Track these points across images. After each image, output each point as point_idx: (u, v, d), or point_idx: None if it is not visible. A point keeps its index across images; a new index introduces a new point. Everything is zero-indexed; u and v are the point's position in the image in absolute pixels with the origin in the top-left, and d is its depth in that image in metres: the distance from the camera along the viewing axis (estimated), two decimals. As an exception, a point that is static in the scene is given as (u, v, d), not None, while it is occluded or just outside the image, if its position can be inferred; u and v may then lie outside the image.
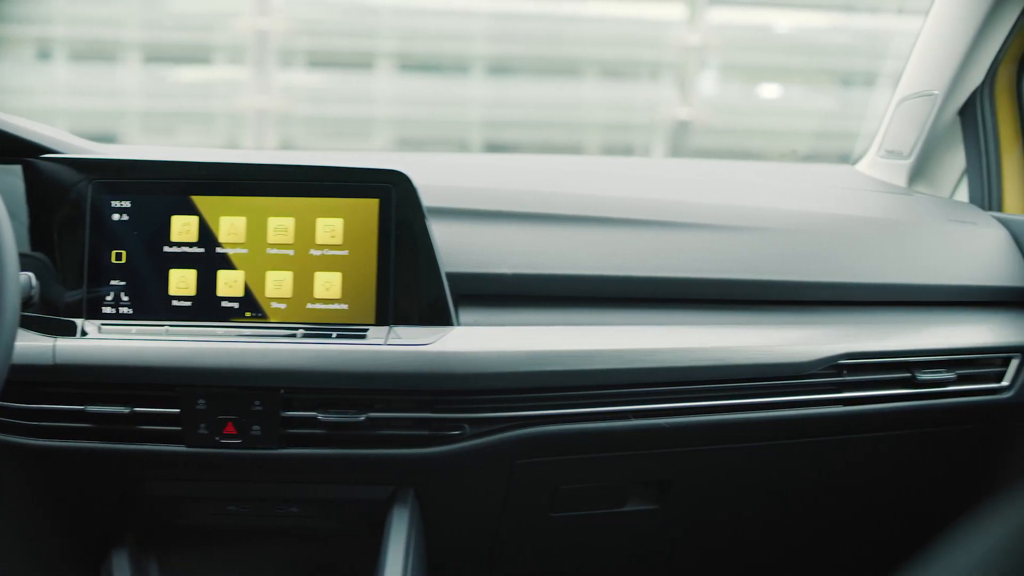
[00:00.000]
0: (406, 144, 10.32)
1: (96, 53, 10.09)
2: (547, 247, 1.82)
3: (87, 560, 1.82)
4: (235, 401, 1.63)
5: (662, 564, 2.12)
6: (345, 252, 1.68)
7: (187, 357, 1.62)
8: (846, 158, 2.79)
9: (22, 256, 1.34)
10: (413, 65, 10.37)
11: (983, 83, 2.33)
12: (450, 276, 1.72)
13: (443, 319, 1.69)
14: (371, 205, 1.69)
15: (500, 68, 10.52)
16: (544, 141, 10.57)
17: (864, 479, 2.07)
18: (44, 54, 10.05)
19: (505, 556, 1.95)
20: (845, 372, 1.85)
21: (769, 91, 10.27)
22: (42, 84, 9.96)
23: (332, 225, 1.69)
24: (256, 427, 1.64)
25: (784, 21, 10.14)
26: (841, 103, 9.81)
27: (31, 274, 1.58)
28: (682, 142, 9.94)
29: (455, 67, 10.39)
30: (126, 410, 1.64)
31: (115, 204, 1.69)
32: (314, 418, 1.64)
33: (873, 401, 1.87)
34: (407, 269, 1.68)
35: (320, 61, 10.24)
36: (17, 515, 1.81)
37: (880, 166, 2.58)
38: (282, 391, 1.63)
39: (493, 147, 10.48)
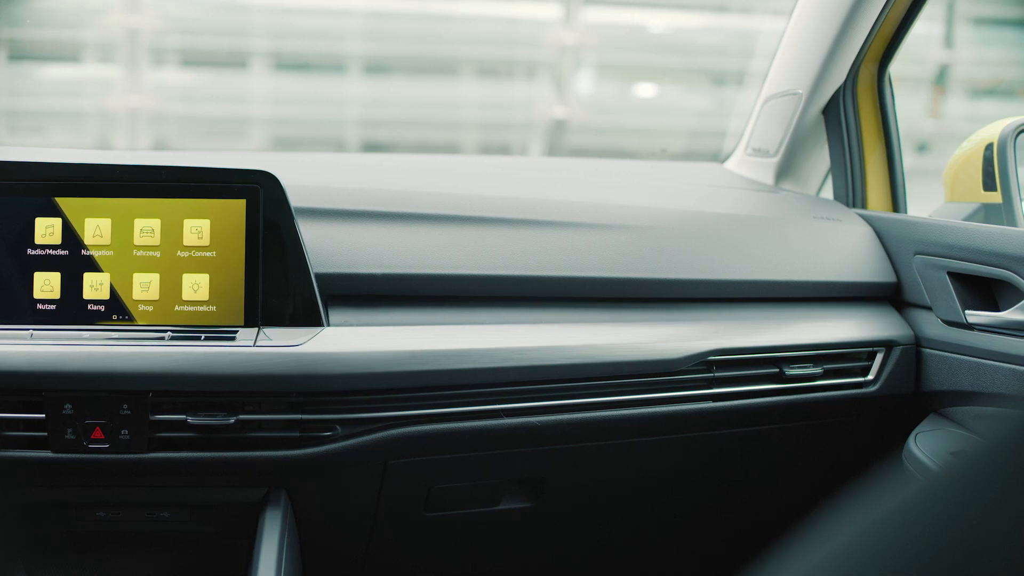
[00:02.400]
0: (282, 144, 10.24)
1: (-43, 51, 9.86)
2: (418, 247, 1.82)
3: None
4: (103, 405, 1.61)
5: (538, 562, 2.13)
6: (212, 253, 1.67)
7: (52, 361, 1.59)
8: (718, 156, 2.83)
9: None
10: (288, 64, 10.29)
11: (845, 82, 2.39)
12: (320, 276, 1.71)
13: (313, 320, 1.69)
14: (238, 206, 1.67)
15: (376, 67, 10.49)
16: (421, 140, 10.56)
17: (737, 473, 2.11)
18: (-96, 52, 9.80)
19: (380, 556, 1.95)
20: (715, 368, 1.88)
21: (644, 90, 10.38)
22: (-97, 83, 9.71)
23: (199, 226, 1.67)
24: (124, 431, 1.62)
25: (658, 21, 10.25)
26: (714, 102, 9.95)
27: None
28: (558, 141, 10.00)
29: (331, 66, 10.33)
30: None
31: (-25, 206, 1.66)
32: (184, 421, 1.63)
33: (742, 397, 1.91)
34: (275, 270, 1.67)
35: (193, 60, 10.11)
36: None
37: (748, 164, 2.63)
38: (151, 394, 1.61)
39: (370, 146, 10.44)
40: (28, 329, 1.64)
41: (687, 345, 1.86)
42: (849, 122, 2.40)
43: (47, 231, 1.66)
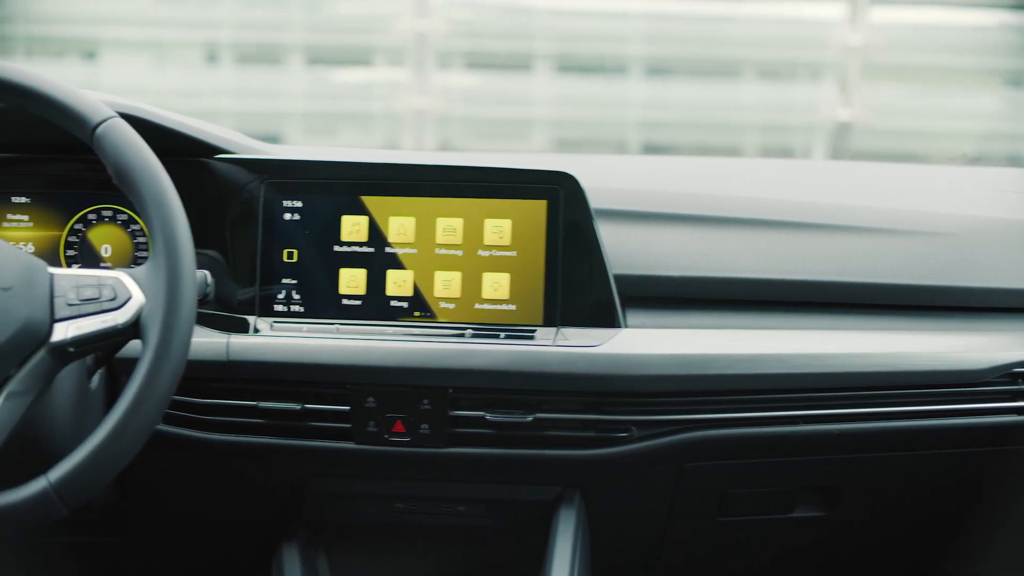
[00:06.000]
0: (563, 145, 10.35)
1: (260, 56, 10.30)
2: (715, 250, 1.80)
3: (258, 553, 1.85)
4: (404, 400, 1.65)
5: (829, 572, 2.09)
6: (513, 253, 1.69)
7: (357, 355, 1.64)
8: (1015, 160, 2.71)
9: (196, 254, 1.37)
10: (570, 66, 10.38)
11: None
12: (617, 278, 1.71)
13: (611, 321, 1.69)
14: (539, 206, 1.69)
15: (657, 69, 10.48)
16: (701, 143, 10.51)
17: None
18: (212, 57, 10.29)
19: (670, 559, 1.94)
20: (1020, 380, 1.80)
21: (932, 91, 10.05)
22: (208, 86, 10.20)
23: (500, 226, 1.69)
24: (424, 426, 1.65)
25: (948, 19, 9.91)
26: (1009, 104, 9.57)
27: (207, 272, 1.61)
28: (842, 144, 9.79)
29: (612, 68, 10.38)
30: (297, 407, 1.66)
31: (287, 204, 1.72)
32: (482, 418, 1.65)
33: None
34: (575, 270, 1.68)
35: (478, 62, 10.31)
36: (191, 506, 1.85)
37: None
38: (451, 390, 1.64)
39: (650, 148, 10.45)
40: (334, 323, 1.69)
41: (991, 355, 1.78)
42: None
43: (353, 229, 1.71)
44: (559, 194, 1.68)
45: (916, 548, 2.08)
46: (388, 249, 1.70)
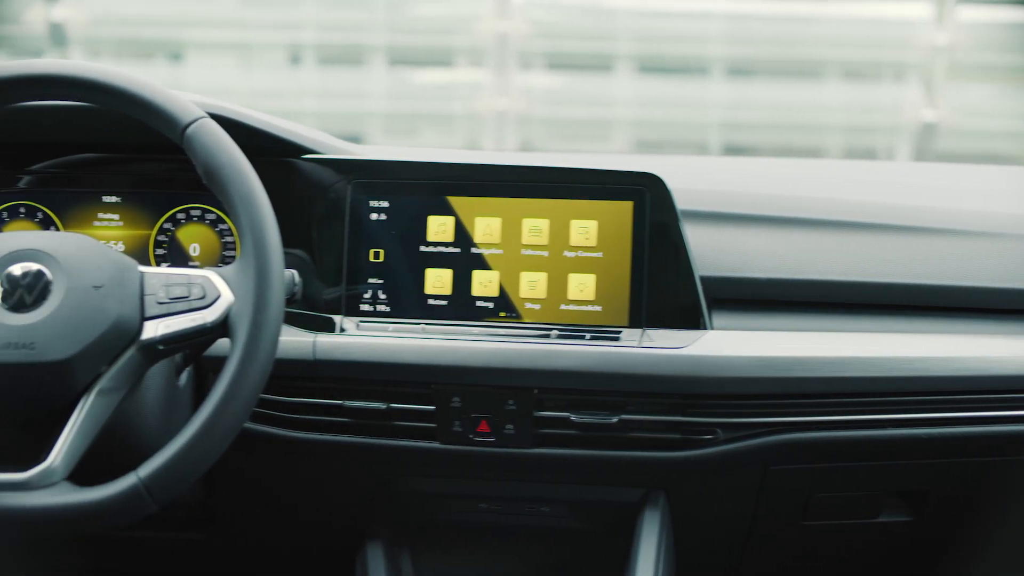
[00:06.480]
0: (643, 146, 10.35)
1: (343, 57, 10.40)
2: (802, 252, 1.78)
3: (341, 551, 1.86)
4: (489, 400, 1.65)
5: None
6: (599, 254, 1.68)
7: (443, 355, 1.64)
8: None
9: (283, 253, 1.38)
10: (651, 67, 10.38)
11: None
12: (703, 280, 1.70)
13: (696, 322, 1.68)
14: (625, 207, 1.68)
15: (738, 70, 10.45)
16: (783, 144, 10.46)
17: None
18: (295, 58, 10.40)
19: (753, 563, 1.92)
20: None
21: (1020, 92, 9.92)
22: (291, 87, 10.31)
23: (586, 227, 1.68)
24: (509, 426, 1.65)
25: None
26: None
27: (295, 271, 1.62)
28: (927, 145, 9.69)
29: (694, 69, 10.35)
30: (383, 406, 1.66)
31: (373, 204, 1.73)
32: (567, 418, 1.64)
33: None
34: (661, 272, 1.67)
35: (559, 63, 10.33)
36: (276, 504, 1.87)
37: None
38: (536, 391, 1.64)
39: (731, 150, 10.43)
40: (420, 323, 1.70)
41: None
42: None
43: (440, 229, 1.71)
44: (646, 195, 1.67)
45: (1007, 555, 2.05)
46: (474, 249, 1.70)
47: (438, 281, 1.70)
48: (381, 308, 1.71)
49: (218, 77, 10.46)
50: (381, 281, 1.71)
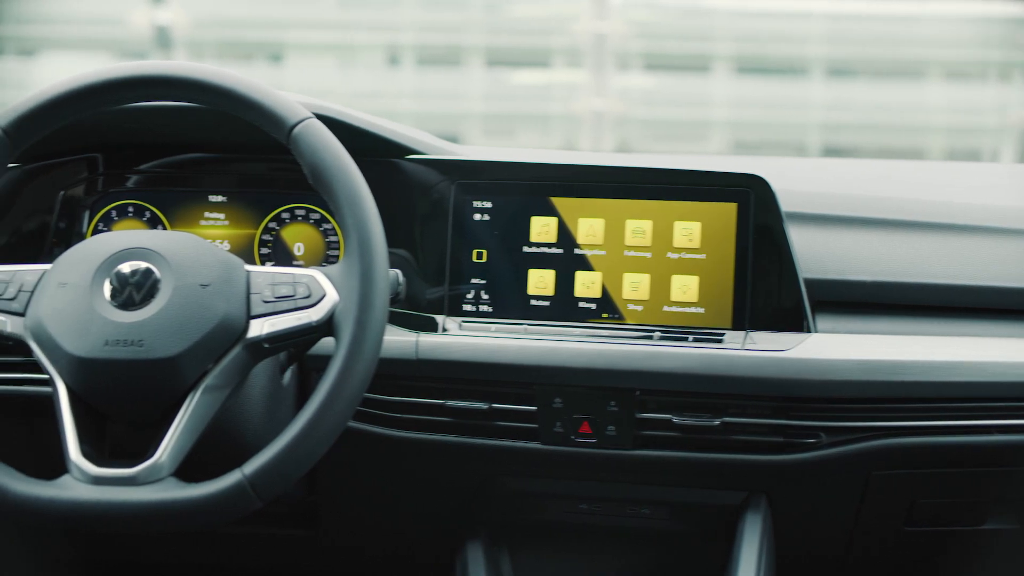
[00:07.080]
0: (742, 147, 10.28)
1: (440, 58, 10.45)
2: (903, 254, 1.76)
3: (441, 549, 1.87)
4: (590, 401, 1.64)
5: None
6: (702, 256, 1.67)
7: (545, 356, 1.64)
8: None
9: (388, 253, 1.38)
10: (749, 67, 10.31)
11: None
12: (807, 282, 1.68)
13: (800, 325, 1.66)
14: (729, 209, 1.67)
15: (839, 70, 10.34)
16: (883, 145, 10.33)
17: None
18: (393, 59, 10.47)
19: (855, 568, 1.90)
20: None
21: None
22: (390, 88, 10.39)
23: (690, 228, 1.67)
24: (611, 427, 1.64)
25: None
26: None
27: (399, 271, 1.63)
28: (1034, 146, 9.53)
29: (793, 69, 10.27)
30: (484, 406, 1.66)
31: (477, 204, 1.73)
32: (669, 420, 1.63)
33: None
34: (765, 274, 1.66)
35: (656, 64, 10.30)
36: (377, 502, 1.88)
37: None
38: (638, 392, 1.63)
39: (830, 151, 10.32)
40: (522, 324, 1.70)
41: None
42: None
43: (543, 229, 1.71)
44: (750, 197, 1.66)
45: None
46: (577, 250, 1.70)
47: (541, 282, 1.70)
48: (483, 308, 1.71)
49: (317, 78, 10.57)
50: (484, 281, 1.72)
